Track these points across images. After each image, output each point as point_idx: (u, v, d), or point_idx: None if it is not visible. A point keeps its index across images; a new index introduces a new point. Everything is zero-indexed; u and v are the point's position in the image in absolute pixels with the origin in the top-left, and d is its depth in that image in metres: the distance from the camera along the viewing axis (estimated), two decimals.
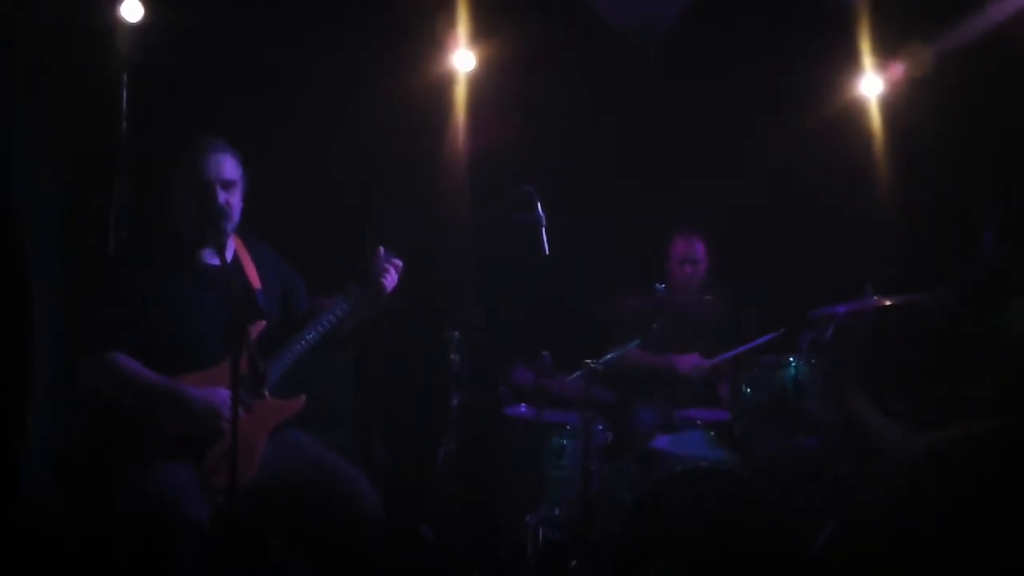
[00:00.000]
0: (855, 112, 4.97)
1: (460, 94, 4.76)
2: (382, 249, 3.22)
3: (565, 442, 4.05)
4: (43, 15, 3.81)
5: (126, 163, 3.90)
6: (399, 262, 3.22)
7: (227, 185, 2.96)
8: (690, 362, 4.46)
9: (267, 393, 2.95)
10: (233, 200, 2.97)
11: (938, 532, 1.52)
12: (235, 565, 2.88)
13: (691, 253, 4.69)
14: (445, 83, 4.75)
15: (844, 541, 1.49)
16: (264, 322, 3.01)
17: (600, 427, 4.07)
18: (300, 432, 3.08)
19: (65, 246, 3.85)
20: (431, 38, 4.69)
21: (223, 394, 2.79)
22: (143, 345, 2.84)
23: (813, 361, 3.91)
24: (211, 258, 2.99)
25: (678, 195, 4.95)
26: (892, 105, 4.92)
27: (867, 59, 4.89)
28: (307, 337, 3.04)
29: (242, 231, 3.08)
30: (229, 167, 2.98)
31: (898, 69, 4.89)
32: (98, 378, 2.83)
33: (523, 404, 4.22)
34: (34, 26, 3.78)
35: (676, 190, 4.95)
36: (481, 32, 4.71)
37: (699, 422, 4.10)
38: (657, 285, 4.37)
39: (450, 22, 4.66)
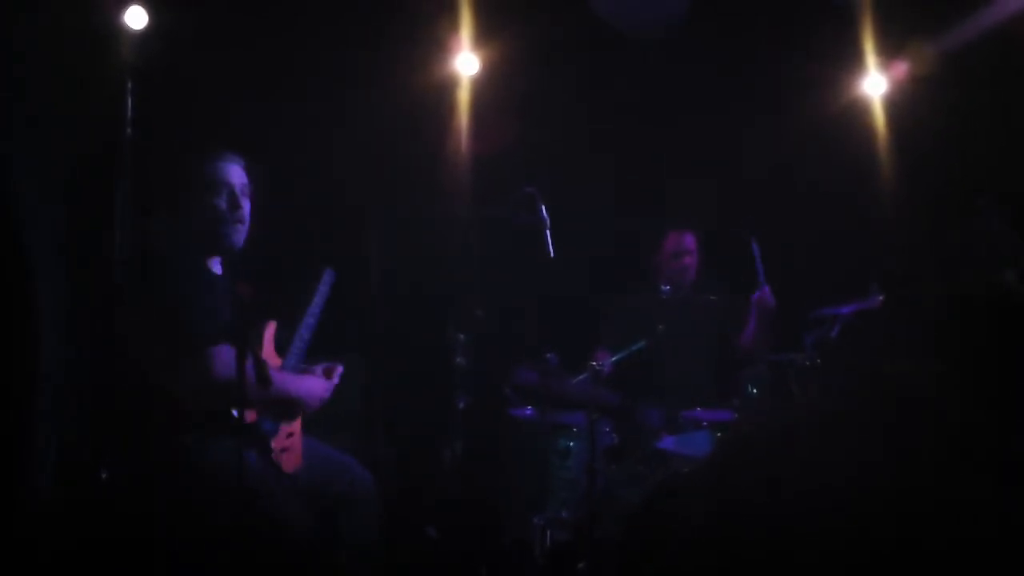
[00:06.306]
0: (859, 111, 4.97)
1: (463, 97, 4.77)
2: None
3: (571, 443, 4.05)
4: (46, 22, 3.83)
5: (131, 169, 3.91)
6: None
7: (244, 192, 3.03)
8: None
9: None
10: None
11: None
12: None
13: (681, 245, 4.67)
14: (448, 86, 4.76)
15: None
16: (274, 323, 3.05)
17: (606, 428, 4.07)
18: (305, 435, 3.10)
19: (69, 251, 3.86)
20: (434, 41, 4.70)
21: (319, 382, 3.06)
22: None
23: (818, 361, 3.90)
24: (215, 266, 3.03)
25: (681, 194, 4.94)
26: (896, 104, 4.92)
27: (871, 58, 4.89)
28: (310, 325, 3.13)
29: None
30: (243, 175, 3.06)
31: (902, 68, 4.89)
32: (210, 373, 2.77)
33: (529, 406, 4.22)
34: (37, 33, 3.80)
35: (679, 189, 4.95)
36: (484, 35, 4.72)
37: (705, 423, 4.09)
38: (663, 287, 4.38)
39: (453, 25, 4.67)
